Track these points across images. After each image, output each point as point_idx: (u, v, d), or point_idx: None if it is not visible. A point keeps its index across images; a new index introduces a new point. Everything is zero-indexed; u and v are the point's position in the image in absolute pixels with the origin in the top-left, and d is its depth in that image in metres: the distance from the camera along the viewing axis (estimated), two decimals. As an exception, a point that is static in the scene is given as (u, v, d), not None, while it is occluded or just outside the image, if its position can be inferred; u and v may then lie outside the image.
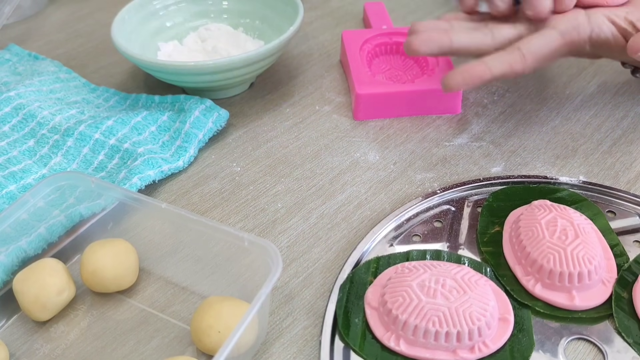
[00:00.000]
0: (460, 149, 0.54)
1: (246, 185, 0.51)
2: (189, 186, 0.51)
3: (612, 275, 0.41)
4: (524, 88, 0.60)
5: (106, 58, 0.68)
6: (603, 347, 0.37)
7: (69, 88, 0.61)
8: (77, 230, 0.46)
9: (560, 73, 0.62)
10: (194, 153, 0.54)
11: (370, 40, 0.62)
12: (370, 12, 0.70)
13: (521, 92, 0.60)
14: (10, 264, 0.42)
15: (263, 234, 0.47)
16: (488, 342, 0.37)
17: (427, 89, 0.56)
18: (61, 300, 0.41)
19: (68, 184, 0.44)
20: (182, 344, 0.40)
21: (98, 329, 0.41)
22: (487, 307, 0.37)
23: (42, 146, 0.53)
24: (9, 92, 0.56)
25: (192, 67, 0.54)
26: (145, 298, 0.43)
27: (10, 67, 0.63)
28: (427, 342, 0.36)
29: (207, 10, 0.67)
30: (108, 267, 0.41)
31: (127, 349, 0.40)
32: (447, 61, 0.58)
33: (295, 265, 0.44)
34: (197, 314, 0.38)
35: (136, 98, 0.60)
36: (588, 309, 0.39)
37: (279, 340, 0.40)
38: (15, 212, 0.42)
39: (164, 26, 0.65)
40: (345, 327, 0.39)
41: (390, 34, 0.63)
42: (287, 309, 0.41)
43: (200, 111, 0.56)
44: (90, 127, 0.53)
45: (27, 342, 0.40)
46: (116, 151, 0.52)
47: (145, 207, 0.42)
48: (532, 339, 0.38)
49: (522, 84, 0.60)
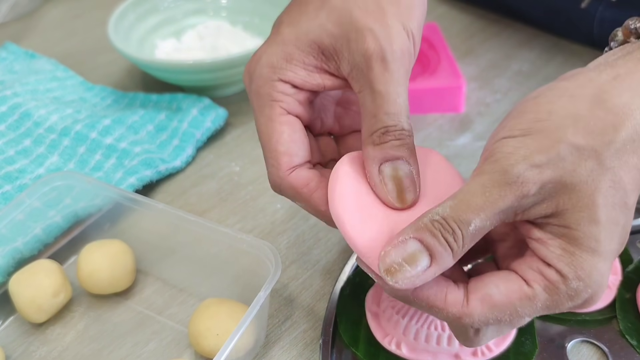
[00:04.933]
0: (463, 148, 0.53)
1: (245, 186, 0.51)
2: (187, 186, 0.51)
3: (617, 277, 0.40)
4: (527, 87, 0.59)
5: (103, 56, 0.67)
6: (607, 350, 0.37)
7: (66, 87, 0.60)
8: (74, 231, 0.45)
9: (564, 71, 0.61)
10: (191, 153, 0.53)
11: (370, 38, 0.62)
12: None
13: (524, 91, 0.59)
14: (6, 265, 0.42)
15: (262, 235, 0.46)
16: (491, 345, 0.36)
17: (429, 87, 0.55)
18: (57, 301, 0.40)
19: (64, 184, 0.44)
20: (179, 347, 0.39)
21: (95, 331, 0.41)
22: (489, 310, 0.37)
23: (39, 146, 0.52)
24: (5, 91, 0.55)
25: (190, 65, 0.53)
26: (143, 300, 0.42)
27: (7, 65, 0.62)
28: (429, 346, 0.36)
29: (205, 8, 0.67)
30: (105, 268, 0.41)
31: (124, 351, 0.39)
32: (450, 60, 0.58)
33: (295, 267, 0.44)
34: (195, 317, 0.38)
35: (133, 97, 0.59)
36: (592, 311, 0.39)
37: (278, 344, 0.39)
38: (11, 212, 0.42)
39: (161, 24, 0.65)
40: (346, 330, 0.38)
41: (391, 32, 0.62)
42: (287, 312, 0.41)
43: (199, 110, 0.55)
44: (87, 127, 0.52)
45: (23, 344, 0.40)
46: (113, 151, 0.51)
47: (143, 208, 0.41)
48: (536, 342, 0.37)
49: (525, 83, 0.60)
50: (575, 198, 0.27)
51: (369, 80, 0.31)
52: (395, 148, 0.31)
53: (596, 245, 0.27)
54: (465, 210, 0.27)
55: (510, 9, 0.67)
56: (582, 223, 0.27)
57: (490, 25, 0.67)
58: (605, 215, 0.27)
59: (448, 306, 0.29)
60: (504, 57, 0.63)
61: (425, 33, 0.61)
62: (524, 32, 0.66)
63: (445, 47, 0.59)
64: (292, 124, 0.34)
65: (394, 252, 0.28)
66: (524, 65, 0.61)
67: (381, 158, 0.31)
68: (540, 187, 0.27)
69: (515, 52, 0.63)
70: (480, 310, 0.29)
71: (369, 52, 0.31)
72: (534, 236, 0.29)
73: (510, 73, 0.61)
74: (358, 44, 0.31)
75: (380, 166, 0.31)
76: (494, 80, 0.60)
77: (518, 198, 0.27)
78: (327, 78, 0.34)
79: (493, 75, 0.61)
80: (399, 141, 0.31)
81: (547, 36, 0.65)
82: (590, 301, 0.29)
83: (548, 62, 0.62)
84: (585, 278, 0.27)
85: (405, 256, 0.28)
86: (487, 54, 0.63)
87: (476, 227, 0.27)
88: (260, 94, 0.34)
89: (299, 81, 0.34)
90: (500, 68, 0.61)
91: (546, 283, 0.28)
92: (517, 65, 0.62)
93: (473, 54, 0.63)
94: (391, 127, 0.31)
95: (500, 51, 0.64)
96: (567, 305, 0.28)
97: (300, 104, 0.34)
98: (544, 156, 0.27)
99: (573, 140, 0.27)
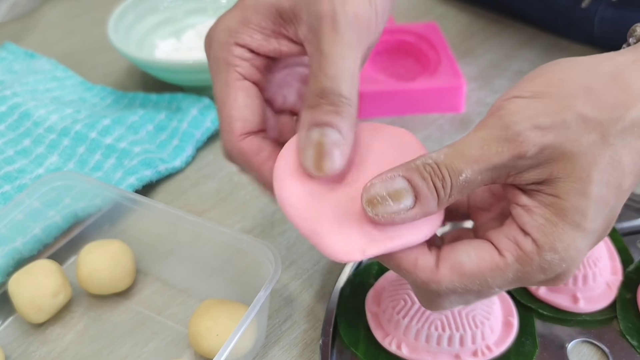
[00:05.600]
0: (462, 148, 0.53)
1: (245, 186, 0.51)
2: (187, 186, 0.51)
3: (617, 277, 0.40)
4: (526, 86, 0.59)
5: (102, 56, 0.67)
6: (607, 350, 0.37)
7: (65, 87, 0.60)
8: (73, 231, 0.45)
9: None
10: (191, 152, 0.53)
11: (370, 38, 0.62)
12: (371, 10, 0.70)
13: (523, 91, 0.59)
14: (6, 266, 0.42)
15: (262, 235, 0.46)
16: (491, 346, 0.36)
17: (429, 87, 0.55)
18: (57, 302, 0.40)
19: (64, 184, 0.44)
20: (179, 347, 0.39)
21: (94, 332, 0.41)
22: (490, 310, 0.36)
23: (38, 146, 0.52)
24: (5, 90, 0.55)
25: (190, 65, 0.53)
26: (142, 300, 0.42)
27: (6, 65, 0.62)
28: (430, 346, 0.36)
29: (205, 8, 0.67)
30: (104, 268, 0.41)
31: (123, 352, 0.39)
32: (450, 60, 0.58)
33: (295, 267, 0.44)
34: (195, 317, 0.38)
35: (133, 97, 0.59)
36: (592, 311, 0.39)
37: (278, 344, 0.39)
38: (11, 212, 0.42)
39: (161, 23, 0.64)
40: (346, 331, 0.38)
41: (392, 32, 0.62)
42: (287, 312, 0.41)
43: (198, 110, 0.55)
44: (87, 127, 0.52)
45: (22, 344, 0.40)
46: (113, 151, 0.51)
47: (142, 208, 0.41)
48: (536, 342, 0.37)
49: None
50: (570, 168, 0.27)
51: (318, 40, 0.30)
52: (327, 113, 0.29)
53: (581, 220, 0.27)
54: (459, 159, 0.27)
55: (510, 8, 0.67)
56: (572, 194, 0.27)
57: (490, 25, 0.67)
58: (597, 191, 0.27)
59: (417, 270, 0.29)
60: (504, 57, 0.63)
61: (425, 33, 0.61)
62: (524, 32, 0.66)
63: (445, 47, 0.59)
64: (248, 90, 0.33)
65: (380, 184, 0.27)
66: (524, 65, 0.61)
67: (310, 121, 0.29)
68: (539, 151, 0.27)
69: (515, 52, 0.63)
70: (449, 277, 0.28)
71: (322, 13, 0.30)
72: (520, 202, 0.28)
73: (510, 73, 0.61)
74: (315, 6, 0.31)
75: (308, 130, 0.29)
76: (494, 80, 0.60)
77: (515, 157, 0.27)
78: (284, 43, 0.33)
79: (493, 75, 0.60)
80: (332, 107, 0.29)
81: (547, 36, 0.65)
82: (562, 277, 0.28)
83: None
84: (562, 251, 0.27)
85: (390, 191, 0.27)
86: (487, 53, 0.63)
87: (467, 179, 0.27)
88: (217, 58, 0.34)
89: (255, 45, 0.33)
90: (501, 68, 0.61)
91: (519, 253, 0.28)
92: (517, 65, 0.61)
93: (473, 54, 0.63)
94: (327, 89, 0.29)
95: (501, 51, 0.64)
96: (538, 278, 0.28)
97: (257, 70, 0.34)
98: (548, 119, 0.26)
99: (581, 110, 0.27)
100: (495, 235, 0.29)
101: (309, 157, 0.29)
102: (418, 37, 0.61)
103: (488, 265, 0.28)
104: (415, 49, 0.61)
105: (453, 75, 0.56)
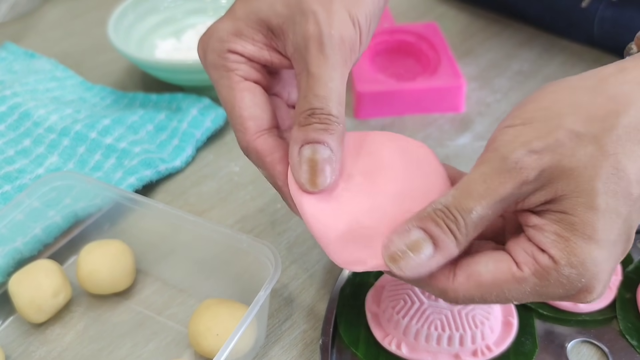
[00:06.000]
0: (464, 148, 0.53)
1: (245, 186, 0.51)
2: (187, 186, 0.51)
3: (617, 277, 0.40)
4: (527, 87, 0.59)
5: (102, 56, 0.67)
6: (607, 350, 0.37)
7: (65, 87, 0.60)
8: (73, 231, 0.45)
9: (565, 71, 0.61)
10: (191, 152, 0.53)
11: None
12: (371, 10, 0.70)
13: (525, 91, 0.59)
14: (6, 266, 0.42)
15: (262, 235, 0.46)
16: (491, 346, 0.36)
17: (429, 87, 0.55)
18: (57, 302, 0.40)
19: (64, 184, 0.44)
20: (179, 347, 0.39)
21: (94, 332, 0.41)
22: (490, 310, 0.37)
23: (38, 146, 0.52)
24: (5, 90, 0.55)
25: (190, 65, 0.53)
26: (142, 300, 0.42)
27: (6, 65, 0.62)
28: (429, 346, 0.36)
29: (205, 8, 0.66)
30: (104, 268, 0.41)
31: (123, 351, 0.39)
32: (450, 60, 0.58)
33: (295, 267, 0.44)
34: (195, 317, 0.38)
35: (133, 97, 0.59)
36: (592, 311, 0.39)
37: (278, 344, 0.39)
38: (11, 212, 0.42)
39: (161, 23, 0.64)
40: (346, 330, 0.38)
41: (392, 32, 0.62)
42: (287, 312, 0.41)
43: (198, 110, 0.55)
44: (87, 127, 0.52)
45: (22, 344, 0.40)
46: (113, 151, 0.51)
47: (142, 208, 0.41)
48: (536, 342, 0.37)
49: (525, 83, 0.60)
50: (573, 183, 0.27)
51: (306, 61, 0.31)
52: (318, 131, 0.31)
53: (592, 233, 0.27)
54: (467, 198, 0.27)
55: (510, 8, 0.67)
56: (579, 209, 0.27)
57: (490, 25, 0.67)
58: (604, 202, 0.27)
59: (434, 279, 0.29)
60: (504, 56, 0.63)
61: (425, 33, 0.61)
62: (524, 31, 0.66)
63: (445, 47, 0.59)
64: (253, 89, 0.34)
65: (397, 239, 0.28)
66: (524, 65, 0.61)
67: (303, 139, 0.31)
68: (539, 173, 0.27)
69: (515, 51, 0.63)
70: (466, 286, 0.29)
71: (308, 34, 0.31)
72: (531, 223, 0.29)
73: (510, 73, 0.61)
74: (301, 26, 0.32)
75: (300, 147, 0.31)
76: (494, 80, 0.60)
77: (518, 185, 0.27)
78: (275, 56, 0.34)
79: (493, 75, 0.60)
80: (322, 125, 0.31)
81: (547, 36, 0.65)
82: (586, 293, 0.28)
83: (548, 62, 0.62)
84: (578, 265, 0.27)
85: (408, 243, 0.28)
86: (487, 53, 0.63)
87: (478, 215, 0.27)
88: (216, 66, 0.34)
89: (249, 54, 0.34)
90: (501, 68, 0.61)
91: (537, 267, 0.28)
92: (517, 65, 0.61)
93: (473, 54, 0.63)
94: (317, 109, 0.31)
95: (501, 51, 0.64)
96: (558, 292, 0.28)
97: (257, 71, 0.35)
98: (541, 142, 0.27)
99: (572, 127, 0.27)
100: (513, 247, 0.29)
101: (303, 173, 0.31)
102: (418, 37, 0.61)
103: (505, 277, 0.28)
104: (415, 49, 0.61)
105: (453, 75, 0.56)
